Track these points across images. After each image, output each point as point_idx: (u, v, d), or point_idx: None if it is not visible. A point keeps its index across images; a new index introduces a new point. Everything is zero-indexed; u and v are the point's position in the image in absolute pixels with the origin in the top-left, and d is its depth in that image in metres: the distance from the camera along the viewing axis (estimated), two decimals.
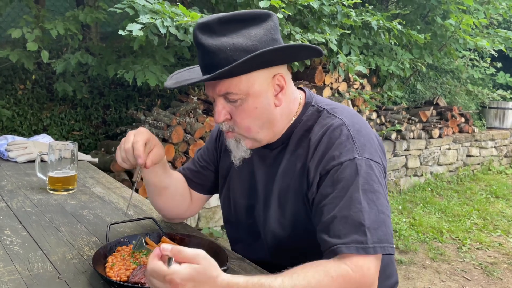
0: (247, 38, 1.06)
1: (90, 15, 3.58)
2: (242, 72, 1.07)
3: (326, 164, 1.09)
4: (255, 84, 1.10)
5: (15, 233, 1.32)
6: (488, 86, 8.24)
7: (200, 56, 1.10)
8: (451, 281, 3.23)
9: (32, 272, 1.08)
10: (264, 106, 1.12)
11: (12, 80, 4.33)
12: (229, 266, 1.12)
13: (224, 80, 1.08)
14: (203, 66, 1.10)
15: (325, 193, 1.07)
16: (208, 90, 1.13)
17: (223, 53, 1.05)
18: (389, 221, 1.05)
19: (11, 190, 1.75)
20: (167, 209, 1.40)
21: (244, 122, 1.12)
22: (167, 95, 4.74)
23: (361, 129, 1.14)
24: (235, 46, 1.05)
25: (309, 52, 1.14)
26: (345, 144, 1.09)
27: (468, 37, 5.36)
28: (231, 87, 1.08)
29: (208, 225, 3.86)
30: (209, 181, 1.41)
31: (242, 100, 1.10)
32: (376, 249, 0.99)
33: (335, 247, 0.99)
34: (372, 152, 1.10)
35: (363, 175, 1.05)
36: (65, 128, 4.36)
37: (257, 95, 1.10)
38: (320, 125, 1.15)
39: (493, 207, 4.96)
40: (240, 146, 1.17)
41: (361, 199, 1.02)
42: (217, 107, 1.12)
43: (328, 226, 1.03)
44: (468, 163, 6.47)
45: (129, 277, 1.04)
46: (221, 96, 1.11)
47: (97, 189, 1.83)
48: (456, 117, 6.24)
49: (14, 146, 2.24)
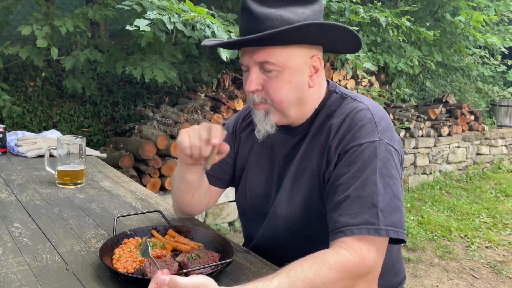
0: (294, 14, 1.06)
1: (99, 12, 3.60)
2: (286, 41, 1.07)
3: (346, 144, 1.08)
4: (294, 59, 1.10)
5: (24, 225, 1.34)
6: (499, 84, 8.16)
7: (244, 22, 1.10)
8: (459, 279, 3.21)
9: (40, 263, 1.09)
10: (298, 83, 1.12)
11: (22, 77, 4.37)
12: (234, 258, 1.13)
13: (265, 47, 1.08)
14: (247, 31, 1.08)
15: (341, 172, 1.06)
16: (245, 57, 1.12)
17: (270, 21, 1.05)
18: (403, 208, 1.03)
19: (20, 184, 1.78)
20: (192, 206, 1.37)
21: (277, 94, 1.11)
22: (175, 92, 4.76)
23: (384, 116, 1.13)
24: (282, 18, 1.05)
25: (350, 39, 1.12)
26: (367, 127, 1.08)
27: (478, 34, 5.31)
28: (271, 55, 1.08)
29: (215, 221, 3.87)
30: (228, 175, 1.40)
31: (278, 72, 1.09)
32: (388, 232, 0.97)
33: (346, 229, 0.97)
34: (392, 139, 1.09)
35: (382, 158, 1.04)
36: (75, 125, 4.40)
37: (294, 70, 1.10)
38: (343, 109, 1.15)
39: (502, 206, 4.91)
40: (268, 120, 1.15)
41: (377, 181, 1.00)
42: (251, 75, 1.11)
43: (340, 205, 1.01)
44: (477, 162, 6.41)
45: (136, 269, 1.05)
46: (257, 65, 1.10)
47: (105, 183, 1.84)
48: (466, 115, 6.18)
49: (24, 141, 2.27)
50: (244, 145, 1.35)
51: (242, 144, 1.36)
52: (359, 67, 4.16)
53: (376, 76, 5.51)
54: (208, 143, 1.13)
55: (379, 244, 0.98)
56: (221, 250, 1.14)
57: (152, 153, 3.48)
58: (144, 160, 3.51)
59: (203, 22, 2.92)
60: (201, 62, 4.46)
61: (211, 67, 4.47)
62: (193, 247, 1.15)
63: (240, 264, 1.12)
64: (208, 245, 1.18)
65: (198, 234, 1.23)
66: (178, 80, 3.83)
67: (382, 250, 0.99)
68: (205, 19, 2.93)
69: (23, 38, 3.92)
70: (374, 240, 0.97)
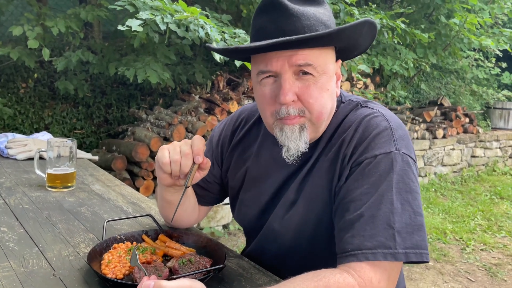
0: (321, 12, 0.97)
1: (92, 13, 3.57)
2: (325, 43, 0.96)
3: (359, 155, 0.97)
4: (329, 63, 0.99)
5: (11, 229, 1.30)
6: (493, 86, 8.19)
7: (274, 20, 0.95)
8: (454, 282, 3.20)
9: (26, 269, 1.06)
10: (332, 91, 1.01)
11: (14, 79, 4.33)
12: (227, 264, 1.10)
13: (303, 49, 0.94)
14: (280, 31, 0.94)
15: (353, 187, 0.95)
16: (273, 62, 0.96)
17: (307, 20, 0.94)
18: (424, 225, 0.93)
19: (9, 187, 1.74)
20: (178, 222, 1.28)
21: (317, 104, 0.97)
22: (169, 94, 4.73)
23: (400, 123, 1.02)
24: (316, 16, 0.95)
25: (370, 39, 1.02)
26: (382, 135, 0.97)
27: (472, 36, 5.33)
28: (312, 58, 0.95)
29: (209, 224, 3.84)
30: (215, 194, 1.30)
31: (316, 78, 0.96)
32: (408, 255, 0.87)
33: (359, 252, 0.88)
34: (409, 148, 0.99)
35: (399, 171, 0.93)
36: (67, 127, 4.35)
37: (329, 76, 0.99)
38: (355, 115, 1.03)
39: (497, 208, 4.92)
40: (303, 136, 0.99)
41: (393, 198, 0.91)
42: (286, 83, 0.95)
43: (353, 224, 0.91)
44: (472, 164, 6.42)
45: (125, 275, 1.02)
46: (291, 70, 0.95)
47: (96, 186, 1.81)
48: (461, 118, 6.19)
49: (14, 144, 2.23)
50: (237, 164, 1.21)
51: (235, 163, 1.23)
52: (354, 69, 4.15)
53: (371, 78, 5.51)
54: (189, 157, 1.01)
55: (393, 269, 0.89)
56: (213, 255, 1.11)
57: (146, 155, 3.45)
58: (137, 162, 3.48)
59: (196, 22, 2.90)
60: (195, 63, 4.43)
61: (205, 69, 4.44)
62: (184, 252, 1.12)
63: (232, 270, 1.09)
64: (200, 250, 1.15)
65: (190, 239, 1.20)
66: (171, 82, 3.80)
67: (394, 276, 0.91)
68: (198, 20, 2.90)
69: (14, 39, 3.88)
70: (388, 266, 0.88)
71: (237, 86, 4.37)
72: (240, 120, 1.27)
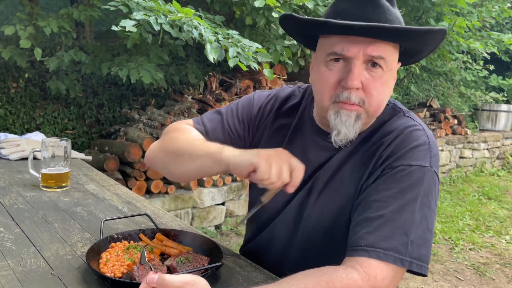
0: (399, 13, 1.02)
1: (84, 13, 3.56)
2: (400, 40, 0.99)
3: (394, 160, 1.00)
4: (395, 61, 1.03)
5: (7, 229, 1.30)
6: (481, 88, 8.31)
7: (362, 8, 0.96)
8: (444, 281, 3.25)
9: (25, 268, 1.07)
10: (391, 89, 1.04)
11: (4, 78, 4.29)
12: (224, 262, 1.12)
13: (381, 42, 0.97)
14: (364, 18, 0.95)
15: (380, 188, 0.98)
16: (351, 47, 0.96)
17: (390, 14, 0.98)
18: (431, 242, 0.98)
19: (3, 187, 1.73)
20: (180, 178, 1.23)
21: (379, 97, 1.00)
22: (162, 94, 4.72)
23: (435, 141, 1.06)
24: (397, 14, 1.00)
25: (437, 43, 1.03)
26: (421, 149, 1.00)
27: (461, 39, 5.40)
28: (386, 52, 0.98)
29: (202, 225, 3.85)
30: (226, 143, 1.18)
31: (383, 73, 0.99)
32: (412, 265, 0.91)
33: (371, 249, 0.90)
34: (438, 168, 1.03)
35: (426, 187, 0.97)
36: (58, 127, 4.33)
37: (393, 73, 1.03)
38: (398, 123, 1.06)
39: (485, 208, 4.99)
40: (357, 125, 1.01)
41: (415, 209, 0.94)
42: (355, 69, 0.97)
43: (371, 222, 0.94)
44: (460, 165, 6.51)
45: (124, 274, 1.03)
46: (363, 59, 0.97)
47: (90, 186, 1.81)
48: (449, 119, 6.28)
49: (7, 144, 2.22)
50: (270, 141, 1.19)
51: (268, 138, 1.20)
52: None
53: None
54: (284, 184, 0.96)
55: (397, 273, 0.92)
56: (211, 253, 1.13)
57: (138, 155, 3.45)
58: (130, 163, 3.47)
59: (190, 23, 2.91)
60: (188, 64, 4.44)
61: (198, 69, 4.45)
62: (181, 250, 1.14)
63: (230, 268, 1.11)
64: (197, 249, 1.16)
65: (187, 238, 1.22)
66: (164, 82, 3.80)
67: (397, 280, 0.94)
68: (192, 20, 2.92)
69: (6, 39, 3.85)
70: (394, 269, 0.91)
71: (229, 87, 4.39)
72: (288, 101, 1.23)
